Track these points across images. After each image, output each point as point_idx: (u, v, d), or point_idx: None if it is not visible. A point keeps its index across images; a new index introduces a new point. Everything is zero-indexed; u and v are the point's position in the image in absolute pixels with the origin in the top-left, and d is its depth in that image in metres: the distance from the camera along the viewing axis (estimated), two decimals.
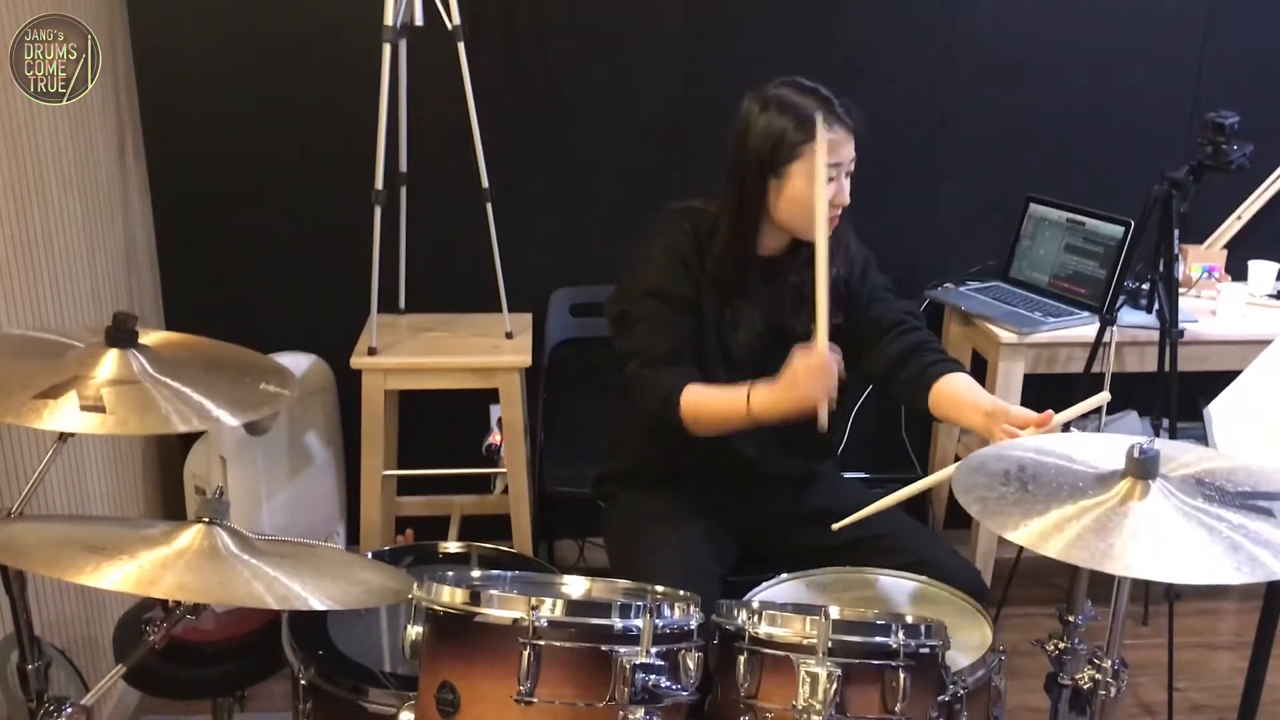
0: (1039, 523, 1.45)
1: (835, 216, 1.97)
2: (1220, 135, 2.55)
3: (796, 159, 1.92)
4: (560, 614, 1.45)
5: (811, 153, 1.89)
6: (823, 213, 1.87)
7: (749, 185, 1.96)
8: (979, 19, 3.04)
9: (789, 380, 1.86)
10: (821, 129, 1.87)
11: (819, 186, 1.87)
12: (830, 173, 1.91)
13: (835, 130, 1.91)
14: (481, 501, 3.09)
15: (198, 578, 1.38)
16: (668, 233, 2.06)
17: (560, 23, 2.93)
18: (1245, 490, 1.52)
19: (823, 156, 1.87)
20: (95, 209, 2.56)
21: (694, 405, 1.94)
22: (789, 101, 1.93)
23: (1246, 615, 3.13)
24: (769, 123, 1.92)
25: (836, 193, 1.95)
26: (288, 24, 2.85)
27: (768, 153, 1.92)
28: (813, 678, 1.47)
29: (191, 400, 1.61)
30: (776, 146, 1.92)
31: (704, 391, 1.94)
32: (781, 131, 1.91)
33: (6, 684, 1.70)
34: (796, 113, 1.91)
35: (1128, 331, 2.81)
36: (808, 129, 1.89)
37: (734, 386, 1.92)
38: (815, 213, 1.87)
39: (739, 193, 1.97)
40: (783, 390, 1.87)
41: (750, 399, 1.89)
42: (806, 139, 1.90)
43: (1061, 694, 1.69)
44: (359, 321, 2.81)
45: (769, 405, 1.89)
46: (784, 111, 1.92)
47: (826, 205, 1.90)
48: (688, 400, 1.94)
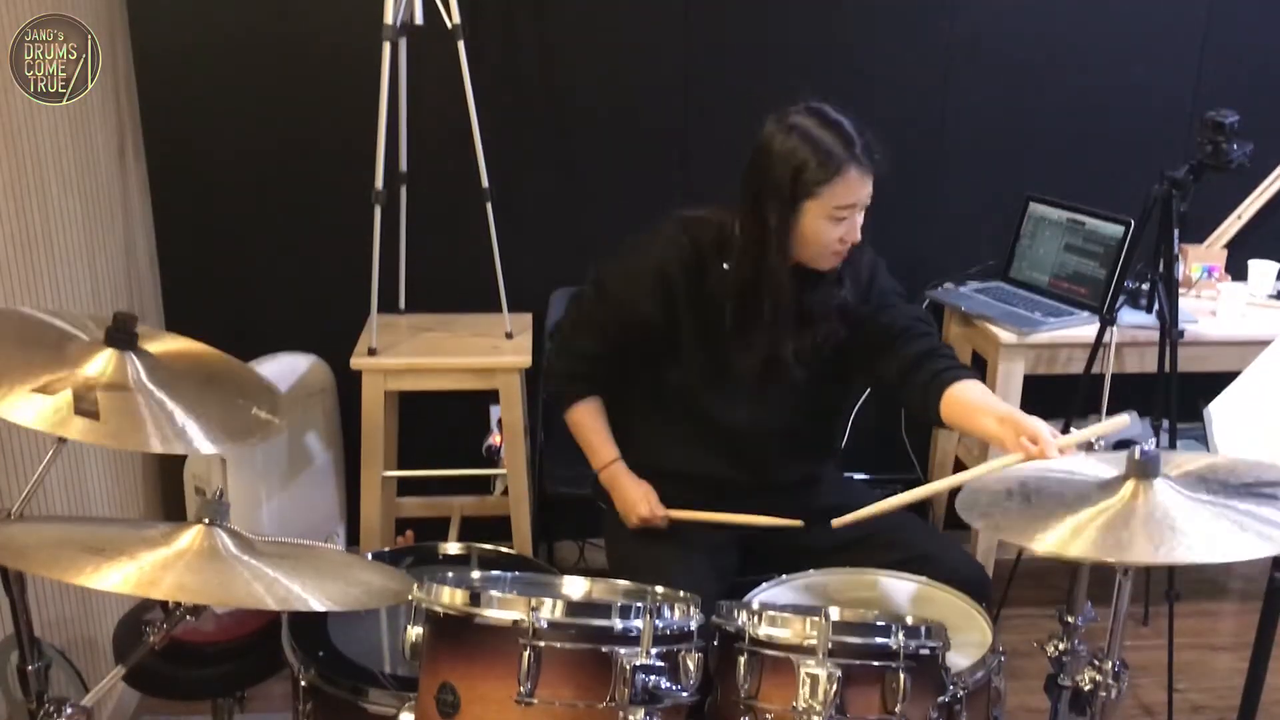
0: (1054, 529, 1.44)
1: (843, 251, 1.96)
2: (1220, 135, 2.55)
3: (812, 197, 1.88)
4: (560, 615, 1.45)
5: (829, 193, 1.87)
6: None
7: (769, 214, 1.91)
8: (979, 19, 3.04)
9: (628, 505, 2.11)
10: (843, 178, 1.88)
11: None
12: (843, 213, 1.90)
13: (855, 170, 1.88)
14: (481, 503, 3.09)
15: (198, 579, 1.38)
16: (662, 246, 2.04)
17: (560, 23, 2.92)
18: (1248, 481, 1.52)
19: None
20: (95, 209, 2.56)
21: (575, 422, 2.18)
22: (813, 135, 1.88)
23: (1246, 616, 3.13)
24: (791, 153, 1.87)
25: (848, 230, 1.93)
26: (288, 24, 2.85)
27: (786, 185, 1.88)
28: (813, 679, 1.47)
29: (176, 421, 1.59)
30: (795, 180, 1.87)
31: (587, 418, 2.17)
32: (802, 166, 1.87)
33: (6, 685, 1.70)
34: (818, 148, 1.87)
35: (1128, 331, 2.81)
36: (828, 169, 1.86)
37: (606, 442, 2.16)
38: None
39: (758, 219, 1.93)
40: (626, 495, 2.12)
41: (605, 469, 2.16)
42: (826, 179, 1.86)
43: (1061, 695, 1.69)
44: (359, 321, 2.81)
45: (611, 485, 2.15)
46: (806, 144, 1.87)
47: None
48: (574, 414, 2.17)
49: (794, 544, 2.11)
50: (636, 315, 2.04)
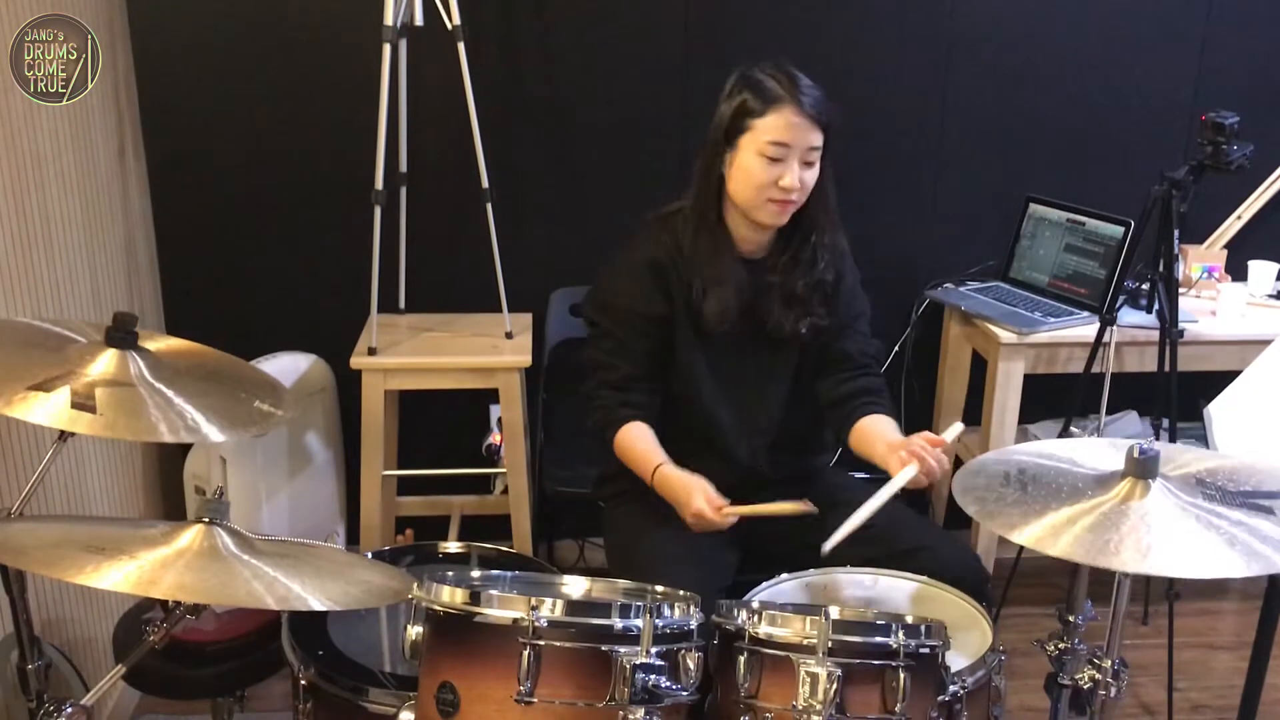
0: (1040, 523, 1.46)
1: (784, 200, 1.97)
2: (1220, 135, 2.55)
3: (747, 130, 1.94)
4: (560, 614, 1.45)
5: (762, 126, 1.92)
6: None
7: (709, 157, 2.00)
8: (979, 19, 3.04)
9: (684, 503, 1.94)
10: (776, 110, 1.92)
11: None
12: (778, 152, 1.92)
13: (790, 108, 1.92)
14: (481, 501, 3.09)
15: (198, 578, 1.38)
16: (643, 245, 2.08)
17: (560, 23, 2.92)
18: (1246, 489, 1.52)
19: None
20: (95, 209, 2.56)
21: (622, 447, 2.07)
22: (756, 78, 1.95)
23: (1246, 615, 3.13)
24: (733, 96, 1.97)
25: (784, 174, 1.93)
26: (288, 24, 2.85)
27: (726, 125, 1.96)
28: (813, 678, 1.47)
29: (182, 411, 1.61)
30: (734, 117, 1.95)
31: (633, 440, 2.06)
32: (741, 103, 1.94)
33: (6, 684, 1.70)
34: (758, 87, 1.94)
35: (1128, 331, 2.81)
36: (762, 101, 1.93)
37: (650, 449, 2.03)
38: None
39: (703, 166, 2.01)
40: (677, 495, 1.97)
41: (654, 475, 2.01)
42: (759, 110, 1.93)
43: (1061, 694, 1.70)
44: (359, 321, 2.81)
45: (664, 490, 2.00)
46: (748, 86, 1.95)
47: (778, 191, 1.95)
48: (620, 439, 2.07)
49: (796, 542, 2.11)
50: (649, 315, 2.05)
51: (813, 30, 2.99)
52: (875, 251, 3.11)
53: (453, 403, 2.92)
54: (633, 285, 2.07)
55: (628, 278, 2.08)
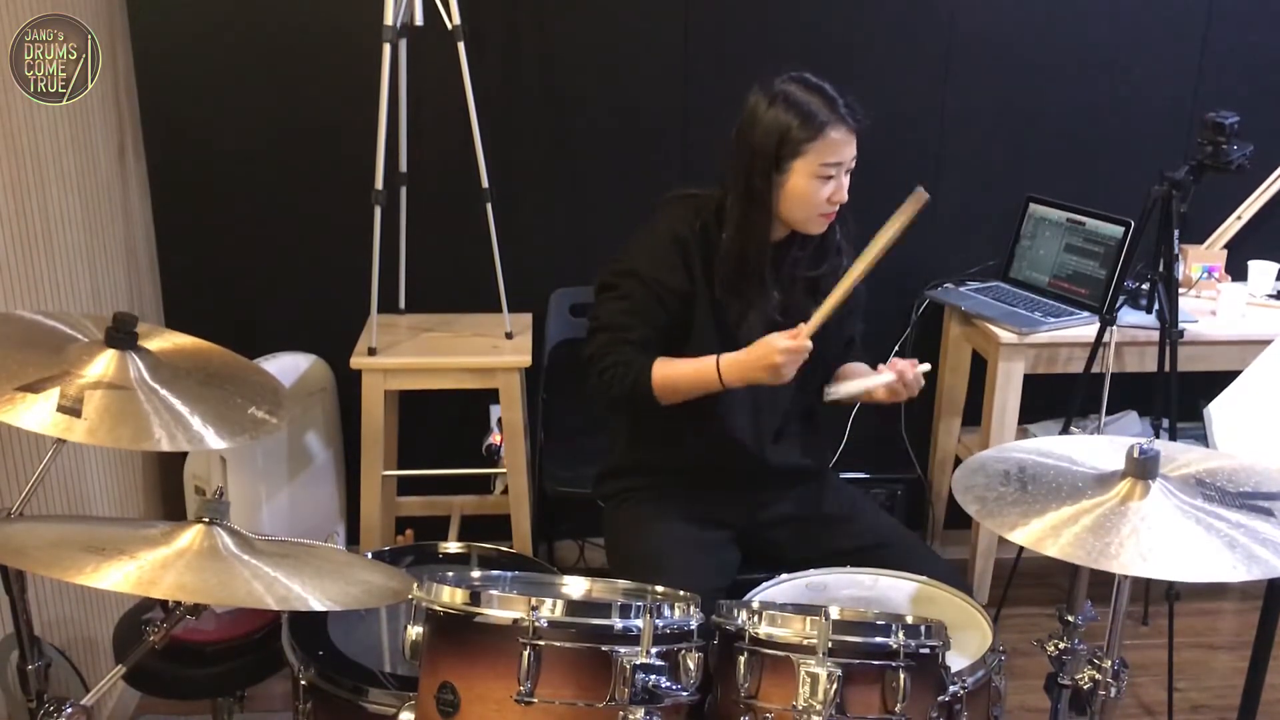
0: (1038, 523, 1.46)
1: (834, 212, 2.01)
2: (1220, 135, 2.55)
3: (799, 156, 1.94)
4: (560, 614, 1.45)
5: (814, 151, 1.93)
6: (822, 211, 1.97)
7: (756, 179, 1.97)
8: (979, 19, 3.04)
9: (764, 357, 1.91)
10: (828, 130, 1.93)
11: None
12: (830, 171, 1.95)
13: (838, 130, 1.94)
14: (481, 501, 3.09)
15: (198, 578, 1.38)
16: (671, 219, 2.06)
17: (560, 23, 2.92)
18: (1246, 490, 1.52)
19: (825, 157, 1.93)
20: (95, 209, 2.56)
21: (663, 375, 1.98)
22: (795, 98, 1.94)
23: (1246, 615, 3.13)
24: (775, 118, 1.94)
25: (835, 190, 1.98)
26: (288, 24, 2.85)
27: (772, 148, 1.94)
28: (813, 678, 1.47)
29: (180, 417, 1.60)
30: (781, 142, 1.93)
31: (670, 365, 1.99)
32: (786, 128, 1.93)
33: (6, 684, 1.70)
34: (801, 110, 1.93)
35: (1128, 331, 2.81)
36: (812, 127, 1.92)
37: (698, 360, 1.97)
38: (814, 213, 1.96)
39: (746, 185, 1.98)
40: (754, 366, 1.93)
41: (720, 369, 1.95)
42: (810, 137, 1.93)
43: (1061, 694, 1.69)
44: (359, 321, 2.81)
45: (738, 375, 1.95)
46: (790, 108, 1.93)
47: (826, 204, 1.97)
48: (657, 372, 1.99)
49: (795, 547, 2.12)
50: (670, 286, 2.03)
51: (813, 30, 2.99)
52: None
53: (453, 403, 2.92)
54: (657, 255, 2.04)
55: (652, 248, 2.05)
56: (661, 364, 2.00)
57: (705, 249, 2.04)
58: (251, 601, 1.38)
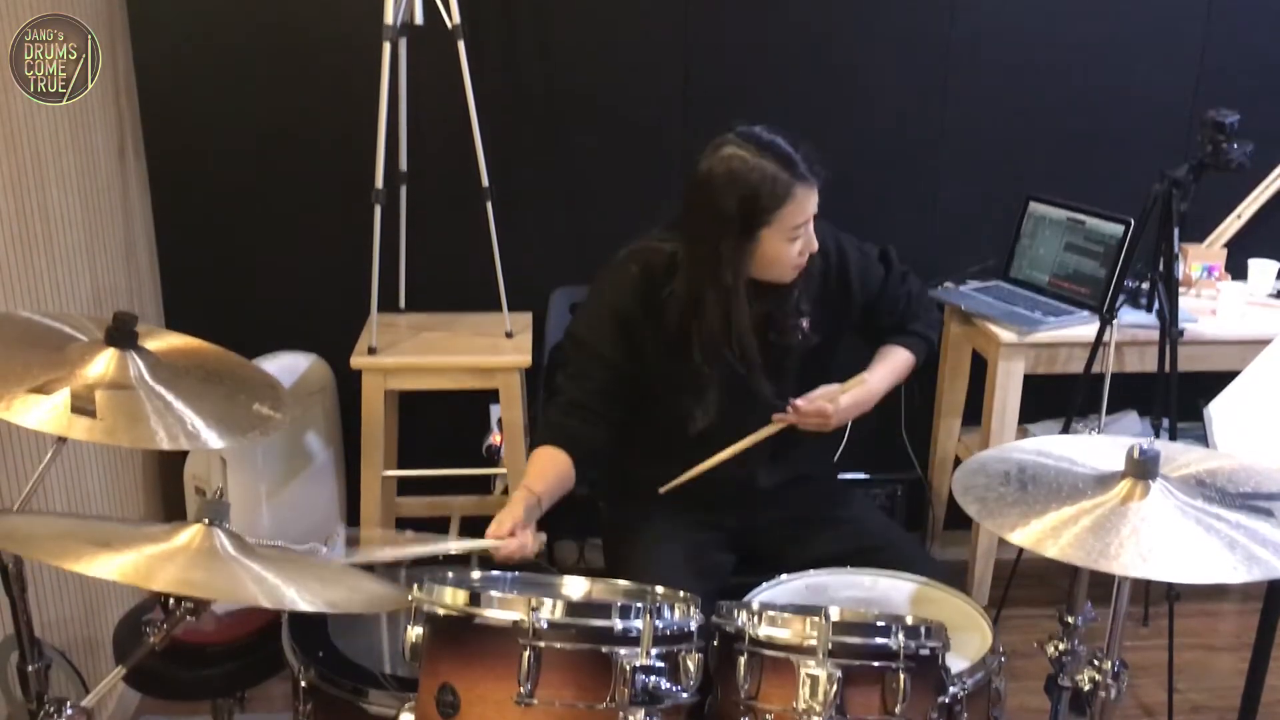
0: (1038, 524, 1.46)
1: (804, 263, 2.00)
2: (1220, 134, 2.54)
3: (767, 225, 1.91)
4: (560, 615, 1.45)
5: (782, 217, 1.90)
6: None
7: (723, 249, 1.92)
8: (979, 19, 3.04)
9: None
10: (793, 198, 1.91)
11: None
12: (799, 232, 1.94)
13: (802, 188, 1.91)
14: (481, 502, 3.09)
15: (196, 574, 1.38)
16: (612, 286, 2.06)
17: (560, 23, 2.92)
18: (1246, 490, 1.52)
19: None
20: (95, 209, 2.56)
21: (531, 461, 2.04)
22: (753, 165, 1.89)
23: (1246, 616, 3.13)
24: (735, 186, 1.89)
25: (805, 244, 1.96)
26: (288, 24, 2.85)
27: (735, 215, 1.90)
28: (813, 679, 1.47)
29: (181, 416, 1.60)
30: (748, 210, 1.90)
31: (534, 461, 2.03)
32: (752, 195, 1.89)
33: (6, 685, 1.70)
34: (765, 178, 1.89)
35: (1128, 331, 2.81)
36: (776, 196, 1.89)
37: (536, 476, 1.98)
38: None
39: (713, 256, 1.93)
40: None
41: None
42: (777, 205, 1.89)
43: (1061, 695, 1.69)
44: (359, 321, 2.81)
45: None
46: (749, 173, 1.89)
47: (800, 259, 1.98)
48: (531, 459, 2.04)
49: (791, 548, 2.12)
50: (606, 358, 2.04)
51: (813, 30, 2.99)
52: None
53: (453, 403, 2.92)
54: (598, 327, 2.06)
55: (595, 318, 2.07)
56: (536, 455, 2.02)
57: (653, 304, 2.01)
58: (249, 599, 1.38)
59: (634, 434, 2.13)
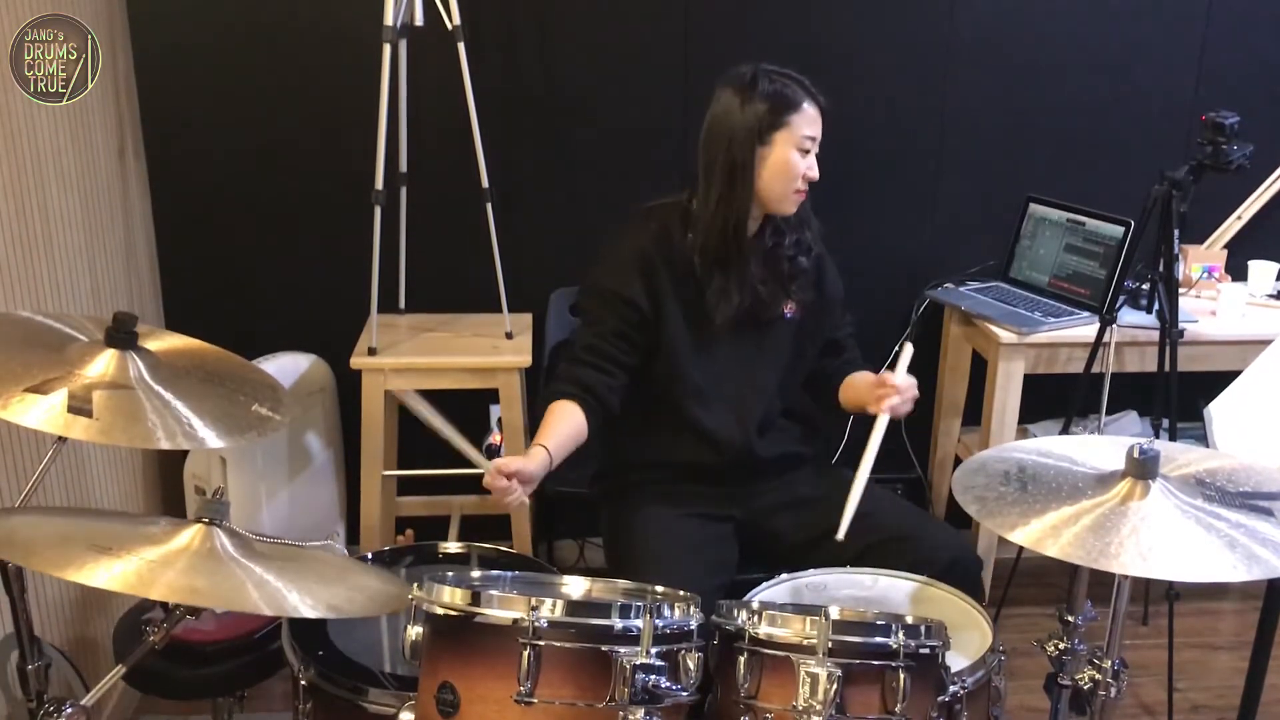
0: (1038, 523, 1.46)
1: (805, 190, 2.10)
2: (1220, 135, 2.55)
3: (782, 128, 2.04)
4: (560, 614, 1.45)
5: (795, 123, 2.05)
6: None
7: (740, 154, 2.05)
8: (979, 19, 3.04)
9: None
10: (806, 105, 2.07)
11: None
12: (808, 144, 2.07)
13: (812, 106, 2.07)
14: (481, 502, 3.08)
15: (195, 581, 1.38)
16: (631, 234, 2.15)
17: (560, 23, 2.92)
18: (1246, 490, 1.52)
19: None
20: (95, 209, 2.56)
21: (546, 413, 2.07)
22: (770, 80, 2.06)
23: (1246, 615, 3.13)
24: (756, 97, 2.04)
25: (809, 165, 2.08)
26: (288, 24, 2.85)
27: (755, 123, 2.04)
28: (813, 678, 1.47)
29: (180, 416, 1.60)
30: (765, 114, 2.04)
31: (547, 417, 2.05)
32: (769, 102, 2.04)
33: (6, 684, 1.70)
34: (779, 88, 2.06)
35: (1128, 331, 2.81)
36: (793, 101, 2.05)
37: (544, 432, 2.02)
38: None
39: (728, 160, 2.06)
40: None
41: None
42: (793, 109, 2.05)
43: (1061, 694, 1.70)
44: (359, 321, 2.81)
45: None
46: (768, 87, 2.05)
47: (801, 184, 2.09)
48: (545, 417, 2.06)
49: (789, 533, 2.16)
50: (625, 296, 2.09)
51: (813, 30, 2.99)
52: (876, 251, 3.13)
53: (453, 403, 2.91)
54: (618, 271, 2.12)
55: (612, 263, 2.14)
56: (548, 411, 2.05)
57: (671, 252, 2.11)
58: (249, 607, 1.38)
59: (630, 418, 2.14)
